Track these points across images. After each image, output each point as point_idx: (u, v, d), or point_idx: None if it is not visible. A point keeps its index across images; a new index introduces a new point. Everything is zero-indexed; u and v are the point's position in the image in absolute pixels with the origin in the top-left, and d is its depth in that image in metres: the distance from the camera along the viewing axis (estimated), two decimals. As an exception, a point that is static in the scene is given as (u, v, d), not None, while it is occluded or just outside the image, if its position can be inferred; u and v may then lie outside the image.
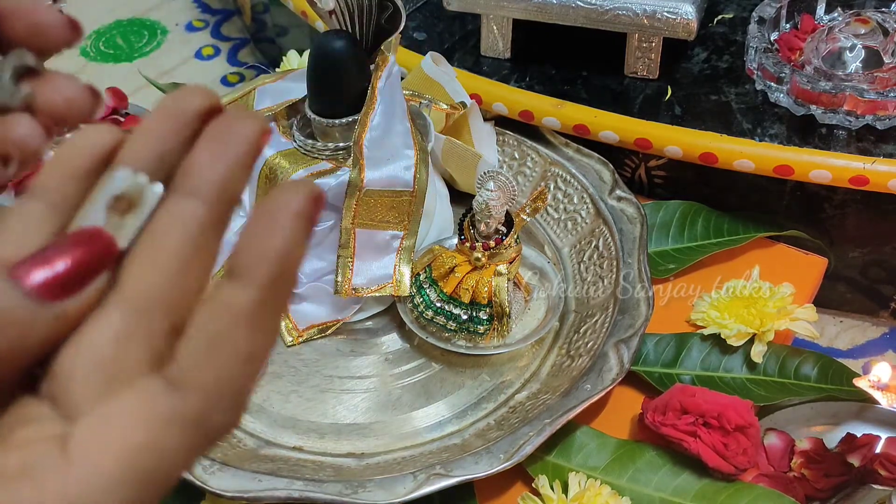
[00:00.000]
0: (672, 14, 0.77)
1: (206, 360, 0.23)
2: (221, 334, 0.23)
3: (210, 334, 0.23)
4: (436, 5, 0.92)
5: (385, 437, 0.63)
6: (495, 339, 0.66)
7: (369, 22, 0.65)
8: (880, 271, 0.80)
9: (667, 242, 0.76)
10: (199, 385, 0.23)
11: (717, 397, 0.60)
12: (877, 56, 0.75)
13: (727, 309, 0.68)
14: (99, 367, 0.23)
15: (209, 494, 0.57)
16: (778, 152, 0.73)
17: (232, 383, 0.23)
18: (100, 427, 0.22)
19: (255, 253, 0.23)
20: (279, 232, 0.23)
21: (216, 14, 1.33)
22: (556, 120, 0.79)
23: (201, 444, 0.23)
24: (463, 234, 0.65)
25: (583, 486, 0.59)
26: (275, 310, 0.23)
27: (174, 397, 0.23)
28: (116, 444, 0.22)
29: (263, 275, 0.23)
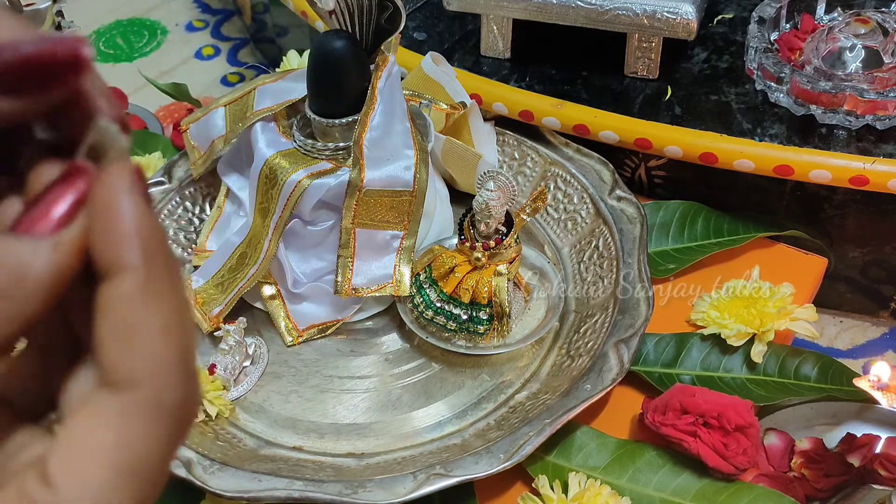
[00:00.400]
0: (672, 14, 0.77)
1: (125, 352, 0.23)
2: (125, 324, 0.23)
3: (116, 329, 0.23)
4: (436, 5, 0.92)
5: (385, 437, 0.63)
6: (495, 339, 0.66)
7: (369, 22, 0.65)
8: (880, 271, 0.80)
9: (667, 242, 0.76)
10: (127, 375, 0.23)
11: (717, 397, 0.60)
12: (877, 56, 0.75)
13: (727, 309, 0.68)
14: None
15: (209, 494, 0.57)
16: (778, 152, 0.73)
17: (161, 360, 0.23)
18: (69, 444, 0.23)
19: (113, 242, 0.23)
20: (124, 214, 0.23)
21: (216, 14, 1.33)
22: (556, 120, 0.79)
23: (171, 426, 0.23)
24: (463, 234, 0.65)
25: (583, 486, 0.59)
26: (164, 279, 0.23)
27: (119, 396, 0.23)
28: (92, 453, 0.22)
29: (133, 256, 0.23)
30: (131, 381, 0.23)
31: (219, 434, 0.63)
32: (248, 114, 0.70)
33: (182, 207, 0.77)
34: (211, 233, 0.74)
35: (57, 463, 0.22)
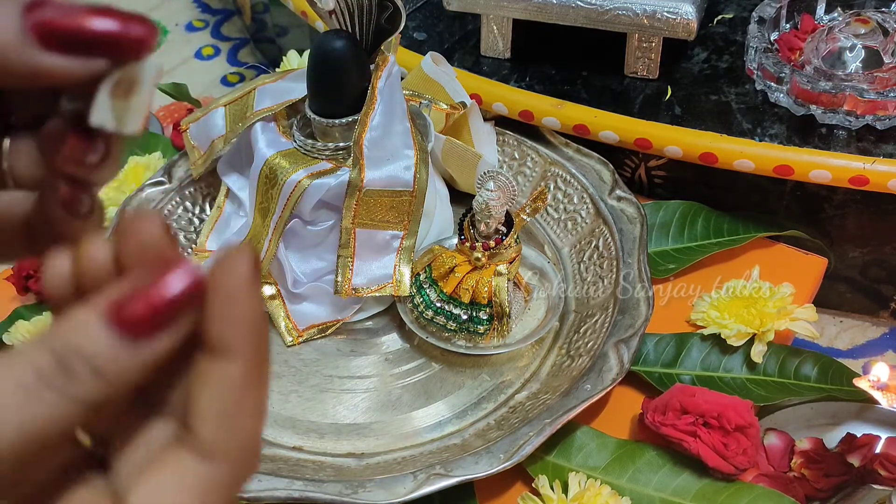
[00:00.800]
0: (672, 14, 0.77)
1: (226, 431, 0.24)
2: (229, 405, 0.24)
3: (219, 408, 0.24)
4: (436, 5, 0.92)
5: (385, 437, 0.63)
6: (495, 339, 0.66)
7: (369, 22, 0.65)
8: (880, 271, 0.80)
9: (667, 242, 0.76)
10: (225, 453, 0.24)
11: (717, 397, 0.60)
12: (877, 56, 0.75)
13: (727, 309, 0.68)
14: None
15: (209, 494, 0.57)
16: (778, 152, 0.73)
17: (249, 442, 0.25)
18: (148, 495, 0.24)
19: (229, 328, 0.24)
20: (243, 303, 0.24)
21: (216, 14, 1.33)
22: (556, 120, 0.79)
23: (233, 499, 0.25)
24: (463, 234, 0.65)
25: (583, 486, 0.59)
26: (265, 367, 0.25)
27: (208, 466, 0.24)
28: None
29: (245, 345, 0.24)
30: (225, 456, 0.24)
31: (219, 434, 0.62)
32: (248, 114, 0.70)
33: (182, 207, 0.77)
34: (211, 233, 0.74)
35: None
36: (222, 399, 0.24)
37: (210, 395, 0.24)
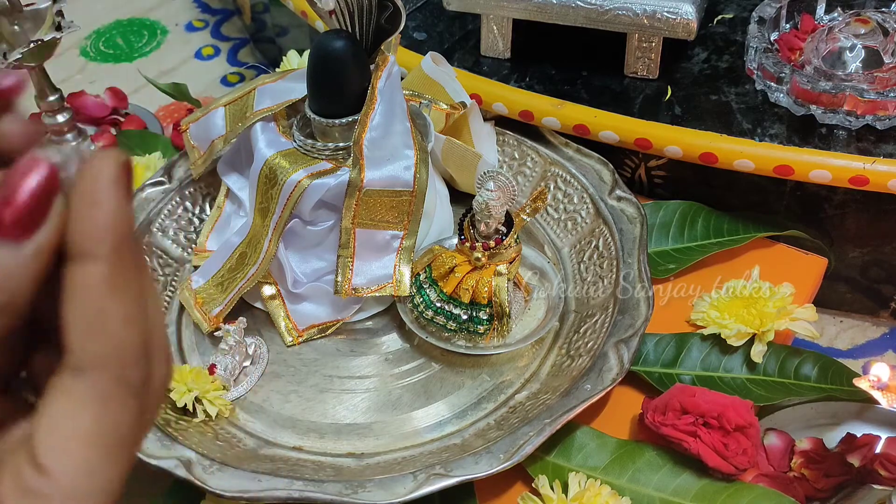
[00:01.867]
0: (672, 14, 0.77)
1: (91, 338, 0.24)
2: (92, 312, 0.24)
3: (83, 316, 0.24)
4: (436, 5, 0.92)
5: (385, 437, 0.63)
6: (495, 339, 0.66)
7: (369, 22, 0.65)
8: (880, 271, 0.80)
9: (667, 242, 0.76)
10: (97, 362, 0.24)
11: (717, 397, 0.60)
12: (877, 56, 0.75)
13: (727, 309, 0.68)
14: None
15: (209, 494, 0.57)
16: (778, 152, 0.73)
17: (123, 344, 0.25)
18: (52, 428, 0.24)
19: (88, 230, 0.24)
20: (103, 205, 0.24)
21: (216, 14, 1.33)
22: (556, 120, 0.79)
23: (139, 402, 0.25)
24: (463, 234, 0.65)
25: (583, 486, 0.59)
26: (129, 270, 0.25)
27: (84, 380, 0.24)
28: (76, 435, 0.24)
29: (103, 248, 0.24)
30: (97, 364, 0.24)
31: (219, 434, 0.63)
32: (248, 114, 0.70)
33: (182, 207, 0.77)
34: (211, 233, 0.74)
35: (45, 449, 0.24)
36: (84, 306, 0.24)
37: (74, 304, 0.24)
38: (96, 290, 0.24)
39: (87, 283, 0.24)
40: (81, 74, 1.24)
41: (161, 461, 0.57)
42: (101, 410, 0.24)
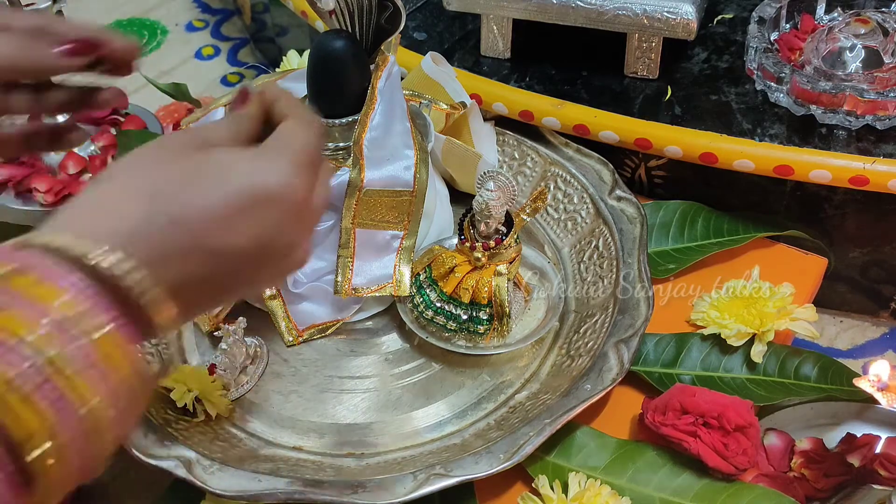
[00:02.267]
0: (672, 14, 0.77)
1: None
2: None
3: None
4: (436, 5, 0.92)
5: (385, 437, 0.63)
6: (495, 339, 0.66)
7: (369, 22, 0.65)
8: (880, 271, 0.80)
9: (667, 242, 0.76)
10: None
11: (717, 397, 0.60)
12: (877, 56, 0.75)
13: (727, 309, 0.68)
14: None
15: (209, 494, 0.57)
16: (778, 152, 0.73)
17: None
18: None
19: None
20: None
21: (216, 14, 1.33)
22: (556, 120, 0.79)
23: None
24: (463, 234, 0.65)
25: (583, 486, 0.59)
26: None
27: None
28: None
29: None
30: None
31: (219, 434, 0.63)
32: None
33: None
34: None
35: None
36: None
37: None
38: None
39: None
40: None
41: (161, 461, 0.57)
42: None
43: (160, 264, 0.35)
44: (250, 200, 0.37)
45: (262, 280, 0.41)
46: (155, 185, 0.36)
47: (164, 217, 0.35)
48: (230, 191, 0.37)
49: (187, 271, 0.36)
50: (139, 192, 0.36)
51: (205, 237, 0.36)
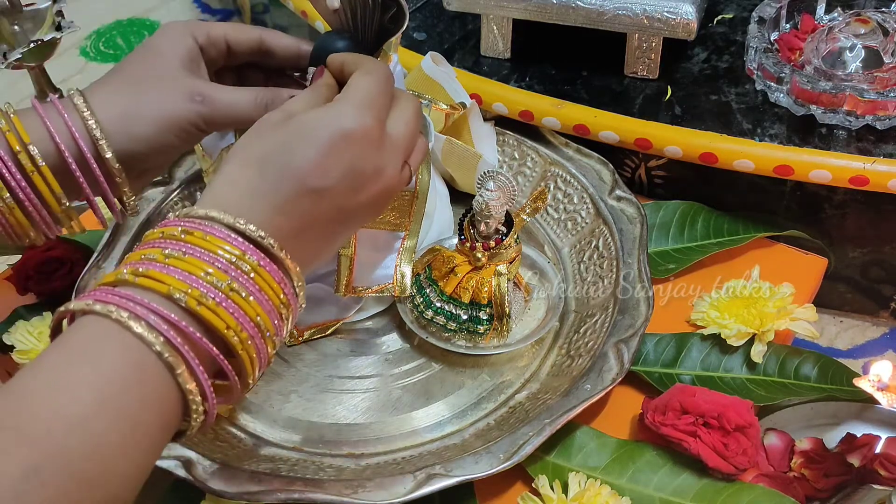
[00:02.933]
0: (672, 14, 0.77)
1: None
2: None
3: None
4: (436, 5, 0.92)
5: (385, 437, 0.63)
6: (495, 339, 0.66)
7: (372, 21, 0.65)
8: (880, 271, 0.80)
9: (667, 242, 0.76)
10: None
11: (717, 397, 0.60)
12: (877, 56, 0.75)
13: (727, 309, 0.68)
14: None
15: (209, 494, 0.57)
16: (778, 152, 0.73)
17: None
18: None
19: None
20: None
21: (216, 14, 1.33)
22: (556, 120, 0.79)
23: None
24: (463, 234, 0.65)
25: (583, 486, 0.59)
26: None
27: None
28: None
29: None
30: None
31: (219, 434, 0.63)
32: None
33: (182, 207, 0.77)
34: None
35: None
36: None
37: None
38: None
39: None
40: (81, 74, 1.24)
41: (161, 461, 0.57)
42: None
43: (280, 212, 0.45)
44: (330, 143, 0.46)
45: (364, 206, 0.49)
46: (260, 153, 0.46)
47: (273, 173, 0.45)
48: (315, 140, 0.46)
49: (301, 212, 0.46)
50: (250, 162, 0.46)
51: (307, 180, 0.46)
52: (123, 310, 0.40)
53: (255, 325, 0.43)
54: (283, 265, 0.45)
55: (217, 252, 0.42)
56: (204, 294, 0.41)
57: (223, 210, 0.44)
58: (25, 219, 0.52)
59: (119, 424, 0.38)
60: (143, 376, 0.39)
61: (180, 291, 0.41)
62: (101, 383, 0.38)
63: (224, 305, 0.41)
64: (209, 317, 0.41)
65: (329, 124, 0.47)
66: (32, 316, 0.72)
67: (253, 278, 0.43)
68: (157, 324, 0.40)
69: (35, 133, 0.50)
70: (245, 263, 0.43)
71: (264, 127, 0.48)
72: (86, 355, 0.39)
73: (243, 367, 0.43)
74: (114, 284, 0.42)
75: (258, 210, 0.45)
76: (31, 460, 0.35)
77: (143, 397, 0.39)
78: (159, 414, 0.40)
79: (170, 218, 0.45)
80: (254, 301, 0.43)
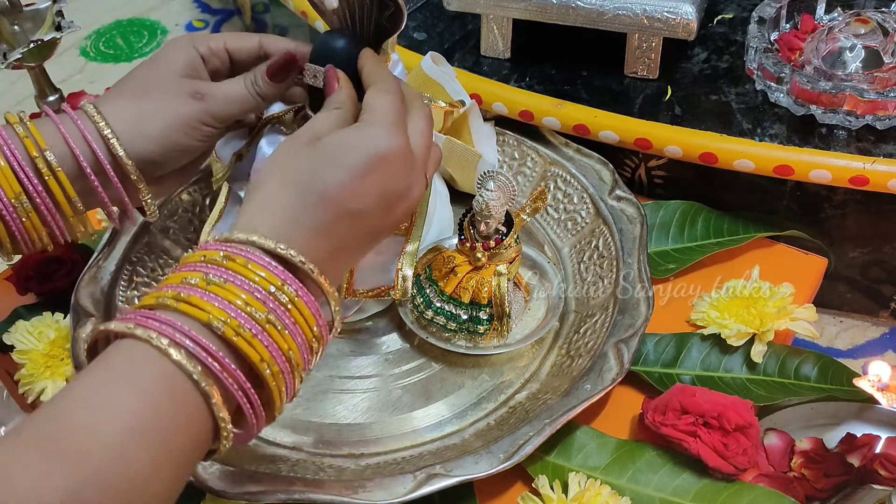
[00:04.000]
0: (672, 14, 0.77)
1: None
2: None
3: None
4: (436, 5, 0.92)
5: (385, 437, 0.63)
6: (495, 339, 0.66)
7: (370, 20, 0.65)
8: (880, 271, 0.80)
9: (667, 242, 0.76)
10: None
11: (717, 397, 0.60)
12: (877, 56, 0.75)
13: (727, 309, 0.68)
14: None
15: (209, 494, 0.57)
16: (778, 152, 0.73)
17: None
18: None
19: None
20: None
21: (216, 14, 1.33)
22: (556, 120, 0.79)
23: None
24: (463, 234, 0.65)
25: (583, 486, 0.59)
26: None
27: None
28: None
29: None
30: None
31: (219, 434, 0.62)
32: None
33: (182, 208, 0.77)
34: (211, 232, 0.74)
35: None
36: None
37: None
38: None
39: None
40: (81, 74, 1.24)
41: (161, 461, 0.57)
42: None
43: (318, 235, 0.46)
44: (367, 166, 0.48)
45: (392, 223, 0.51)
46: (296, 176, 0.47)
47: (312, 197, 0.46)
48: (352, 164, 0.47)
49: (338, 234, 0.47)
50: (287, 185, 0.47)
51: (346, 203, 0.47)
52: (163, 336, 0.40)
53: (287, 360, 0.44)
54: (322, 289, 0.46)
55: (256, 280, 0.43)
56: (242, 325, 0.42)
57: (263, 235, 0.44)
58: (41, 223, 0.53)
59: (153, 447, 0.39)
60: (178, 402, 0.40)
61: (219, 320, 0.41)
62: (139, 407, 0.39)
63: (260, 338, 0.42)
64: (245, 348, 0.42)
65: (364, 147, 0.48)
66: (32, 316, 0.72)
67: (290, 310, 0.44)
68: (196, 352, 0.41)
69: (50, 139, 0.52)
70: (283, 294, 0.43)
71: (295, 146, 0.49)
72: (124, 378, 0.40)
73: (271, 398, 0.44)
74: (154, 308, 0.42)
75: (298, 234, 0.46)
76: (72, 481, 0.36)
77: (177, 422, 0.40)
78: (192, 438, 0.41)
79: (208, 242, 0.46)
80: (288, 335, 0.43)
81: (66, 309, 0.70)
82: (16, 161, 0.51)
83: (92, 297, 0.68)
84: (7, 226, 0.52)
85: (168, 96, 0.55)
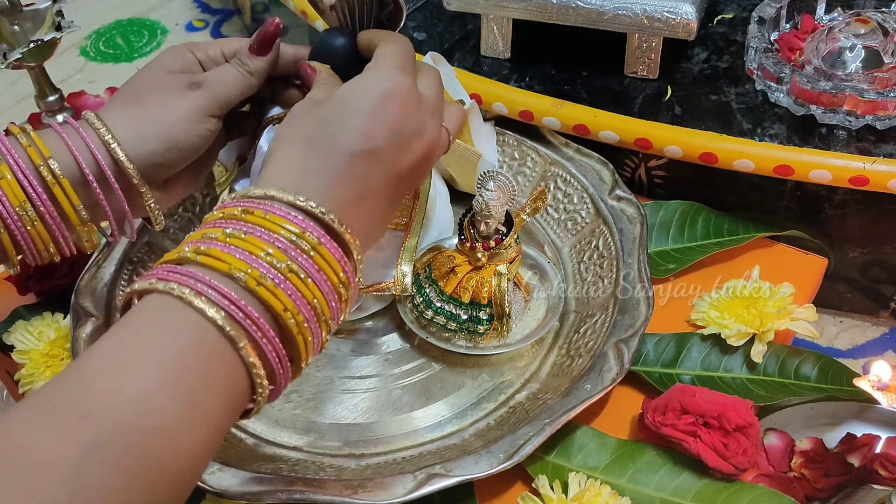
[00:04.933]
0: (672, 14, 0.77)
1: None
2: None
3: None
4: (436, 5, 0.92)
5: (385, 438, 0.63)
6: (495, 339, 0.66)
7: (369, 18, 0.65)
8: (880, 271, 0.80)
9: (667, 242, 0.76)
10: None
11: (717, 397, 0.60)
12: (877, 56, 0.75)
13: (727, 309, 0.68)
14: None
15: (209, 494, 0.57)
16: (778, 152, 0.73)
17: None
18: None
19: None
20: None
21: (216, 14, 1.33)
22: (556, 120, 0.79)
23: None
24: (463, 234, 0.65)
25: (583, 486, 0.59)
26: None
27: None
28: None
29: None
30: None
31: (219, 434, 0.62)
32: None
33: (182, 207, 0.77)
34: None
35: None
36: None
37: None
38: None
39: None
40: (81, 74, 1.24)
41: (161, 461, 0.57)
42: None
43: (335, 182, 0.46)
44: (373, 106, 0.48)
45: (412, 164, 0.50)
46: (303, 132, 0.48)
47: (322, 147, 0.47)
48: (357, 107, 0.48)
49: (356, 178, 0.47)
50: (297, 143, 0.47)
51: (356, 145, 0.47)
52: (185, 286, 0.40)
53: (312, 308, 0.43)
54: (343, 240, 0.45)
55: (278, 231, 0.43)
56: (263, 275, 0.41)
57: (282, 189, 0.44)
58: (46, 233, 0.53)
59: (180, 401, 0.38)
60: (204, 352, 0.39)
61: (240, 271, 0.41)
62: (162, 360, 0.38)
63: (283, 287, 0.42)
64: (268, 297, 0.41)
65: (368, 90, 0.48)
66: (32, 316, 0.72)
67: (312, 257, 0.43)
68: (217, 299, 0.40)
69: (54, 148, 0.53)
70: (304, 242, 0.43)
71: (300, 111, 0.50)
72: (146, 333, 0.39)
73: (297, 350, 0.43)
74: (175, 263, 0.43)
75: (314, 185, 0.46)
76: (91, 437, 0.35)
77: (205, 374, 0.39)
78: (222, 392, 0.40)
79: (226, 201, 0.46)
80: (311, 283, 0.43)
81: (66, 309, 0.70)
82: (19, 170, 0.51)
83: (92, 297, 0.69)
84: (12, 235, 0.52)
85: (164, 94, 0.55)
